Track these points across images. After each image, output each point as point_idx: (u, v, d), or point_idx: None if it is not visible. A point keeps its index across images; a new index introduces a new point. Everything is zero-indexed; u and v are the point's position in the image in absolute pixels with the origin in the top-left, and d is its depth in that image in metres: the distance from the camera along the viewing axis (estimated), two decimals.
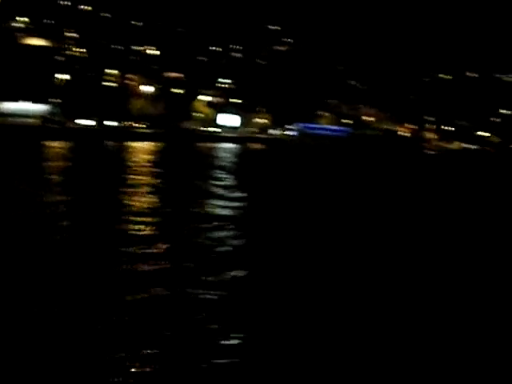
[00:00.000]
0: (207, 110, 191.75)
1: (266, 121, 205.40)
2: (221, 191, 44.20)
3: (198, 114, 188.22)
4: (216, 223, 30.49)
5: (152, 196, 39.12)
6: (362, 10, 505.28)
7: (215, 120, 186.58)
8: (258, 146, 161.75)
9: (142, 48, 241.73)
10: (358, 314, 17.67)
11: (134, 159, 74.96)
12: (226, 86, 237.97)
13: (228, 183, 51.61)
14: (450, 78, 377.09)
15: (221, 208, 36.14)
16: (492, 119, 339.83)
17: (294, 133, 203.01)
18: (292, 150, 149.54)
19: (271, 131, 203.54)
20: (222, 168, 68.32)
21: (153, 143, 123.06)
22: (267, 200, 42.46)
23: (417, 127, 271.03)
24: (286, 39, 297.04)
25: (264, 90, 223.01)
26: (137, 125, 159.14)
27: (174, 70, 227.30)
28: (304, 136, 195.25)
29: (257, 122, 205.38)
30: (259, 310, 17.55)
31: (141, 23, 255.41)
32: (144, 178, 52.18)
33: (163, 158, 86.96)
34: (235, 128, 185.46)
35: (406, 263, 24.24)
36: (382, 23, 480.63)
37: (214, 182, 51.83)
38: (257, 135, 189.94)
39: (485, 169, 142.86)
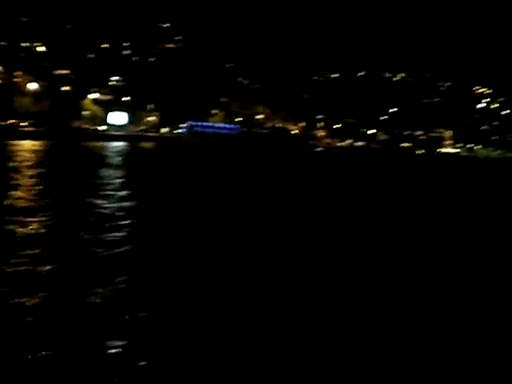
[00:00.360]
0: (96, 108, 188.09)
1: (155, 119, 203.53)
2: (106, 191, 42.26)
3: (87, 112, 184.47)
4: (94, 222, 29.01)
5: (32, 196, 36.68)
6: (254, 8, 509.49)
7: (105, 118, 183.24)
8: (148, 144, 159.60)
9: (29, 44, 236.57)
10: None
11: (16, 158, 71.37)
12: (117, 83, 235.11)
13: (113, 183, 49.56)
14: (338, 76, 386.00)
15: (104, 208, 34.23)
16: (381, 118, 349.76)
17: (184, 131, 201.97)
18: (182, 148, 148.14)
19: (162, 129, 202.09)
20: (108, 167, 65.52)
21: (37, 142, 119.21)
22: (152, 199, 41.10)
23: (306, 125, 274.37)
24: (176, 37, 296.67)
25: (154, 88, 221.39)
26: (22, 123, 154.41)
27: (63, 67, 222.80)
28: (194, 134, 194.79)
29: (147, 120, 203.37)
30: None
31: (27, 19, 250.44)
32: (25, 177, 49.24)
33: (47, 157, 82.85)
34: (124, 126, 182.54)
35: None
36: (274, 22, 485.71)
37: (99, 182, 49.55)
38: (147, 133, 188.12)
39: (366, 164, 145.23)
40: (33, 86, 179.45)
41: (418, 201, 56.72)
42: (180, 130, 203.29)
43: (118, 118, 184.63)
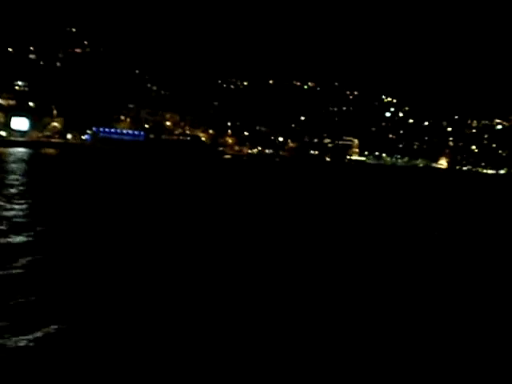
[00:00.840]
0: None
1: (57, 125, 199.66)
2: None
3: None
4: None
5: None
6: (163, 13, 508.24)
7: (7, 123, 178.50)
8: (50, 150, 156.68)
9: None
10: None
11: None
12: (22, 88, 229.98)
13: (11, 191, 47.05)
14: (247, 83, 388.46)
15: None
16: (291, 125, 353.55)
17: (88, 137, 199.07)
18: (85, 154, 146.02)
19: (68, 135, 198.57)
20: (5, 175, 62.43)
21: None
22: (51, 207, 39.58)
23: (215, 132, 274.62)
24: (84, 41, 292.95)
25: (60, 93, 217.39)
26: None
27: None
28: (98, 140, 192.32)
29: (51, 126, 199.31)
30: None
31: None
32: None
33: None
34: (25, 132, 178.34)
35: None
36: (183, 28, 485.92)
37: None
38: (50, 139, 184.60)
39: (272, 171, 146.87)
40: None
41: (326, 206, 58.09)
42: (84, 136, 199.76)
43: (19, 123, 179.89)
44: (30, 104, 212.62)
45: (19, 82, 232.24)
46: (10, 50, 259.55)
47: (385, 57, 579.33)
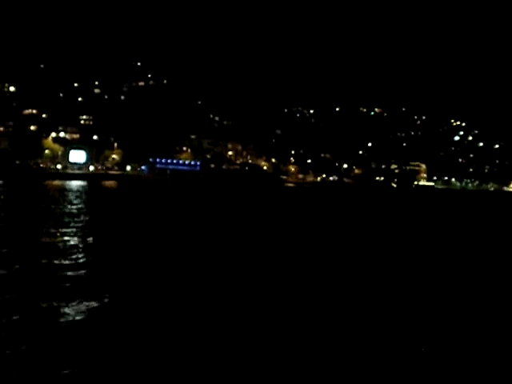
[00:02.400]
0: (58, 147, 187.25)
1: (116, 157, 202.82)
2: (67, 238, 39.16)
3: (48, 151, 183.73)
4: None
5: None
6: (226, 44, 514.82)
7: (67, 157, 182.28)
8: (110, 182, 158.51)
9: None
10: None
11: None
12: (86, 122, 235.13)
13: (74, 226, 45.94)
14: (313, 111, 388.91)
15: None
16: (357, 152, 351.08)
17: (144, 168, 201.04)
18: (142, 185, 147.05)
19: (127, 167, 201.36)
20: (67, 210, 61.04)
21: None
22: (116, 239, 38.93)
23: (277, 161, 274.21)
24: (147, 74, 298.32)
25: (122, 126, 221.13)
26: None
27: (32, 106, 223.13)
28: (155, 171, 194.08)
29: (110, 158, 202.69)
30: None
31: None
32: None
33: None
34: (83, 164, 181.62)
35: None
36: (245, 57, 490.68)
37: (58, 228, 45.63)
38: (108, 171, 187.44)
39: (336, 198, 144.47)
40: None
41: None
42: (141, 168, 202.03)
43: (77, 156, 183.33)
44: (95, 137, 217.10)
45: (84, 116, 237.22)
46: (76, 84, 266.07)
47: (454, 81, 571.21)
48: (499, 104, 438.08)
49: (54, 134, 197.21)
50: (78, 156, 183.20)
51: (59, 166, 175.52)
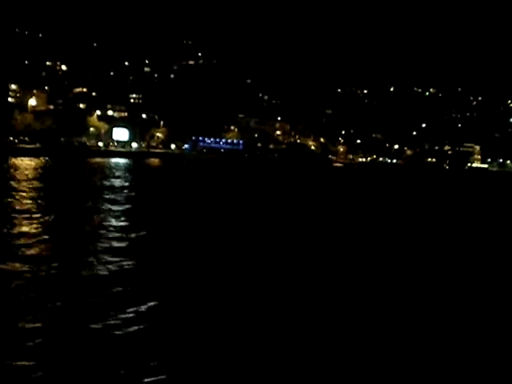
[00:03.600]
0: (102, 125, 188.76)
1: (161, 135, 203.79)
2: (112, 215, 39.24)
3: (93, 129, 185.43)
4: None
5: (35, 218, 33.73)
6: (275, 24, 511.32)
7: (110, 135, 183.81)
8: (153, 160, 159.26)
9: (51, 63, 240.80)
10: None
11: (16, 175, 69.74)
12: (135, 100, 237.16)
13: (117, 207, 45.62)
14: (366, 92, 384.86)
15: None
16: (410, 133, 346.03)
17: (187, 147, 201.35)
18: (185, 164, 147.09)
19: (172, 146, 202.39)
20: (110, 188, 61.01)
21: (37, 159, 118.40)
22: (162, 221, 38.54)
23: (326, 141, 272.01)
24: (197, 53, 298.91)
25: (170, 105, 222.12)
26: (19, 140, 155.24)
27: (83, 85, 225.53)
28: (197, 150, 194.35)
29: (156, 137, 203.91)
30: None
31: (52, 38, 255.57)
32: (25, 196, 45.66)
33: (46, 175, 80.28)
34: (127, 142, 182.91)
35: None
36: (296, 37, 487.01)
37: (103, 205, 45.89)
38: (152, 150, 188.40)
39: (381, 180, 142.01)
40: (33, 103, 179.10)
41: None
42: (184, 146, 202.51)
43: (120, 134, 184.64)
44: (143, 116, 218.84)
45: (133, 95, 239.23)
46: (127, 63, 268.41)
47: (510, 60, 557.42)
48: None
49: (98, 112, 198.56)
50: (121, 134, 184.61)
51: (101, 144, 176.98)
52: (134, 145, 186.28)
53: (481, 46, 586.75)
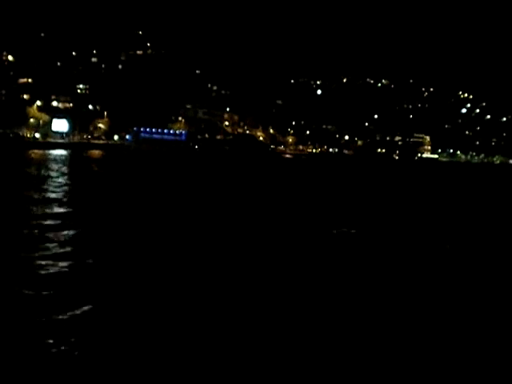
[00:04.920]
0: (43, 116, 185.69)
1: (103, 126, 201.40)
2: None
3: (33, 120, 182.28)
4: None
5: None
6: (225, 14, 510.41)
7: (50, 126, 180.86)
8: (94, 152, 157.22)
9: None
10: None
11: None
12: (82, 91, 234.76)
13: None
14: (319, 82, 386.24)
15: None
16: (362, 124, 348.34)
17: (128, 137, 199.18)
18: (126, 155, 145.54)
19: (115, 137, 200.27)
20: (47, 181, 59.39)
21: None
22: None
23: (276, 132, 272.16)
24: (146, 43, 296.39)
25: (114, 95, 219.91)
26: None
27: (29, 75, 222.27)
28: (138, 141, 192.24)
29: (99, 128, 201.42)
30: None
31: None
32: None
33: None
34: (66, 133, 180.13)
35: None
36: (245, 26, 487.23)
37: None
38: (95, 141, 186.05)
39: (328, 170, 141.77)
40: None
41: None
42: (126, 137, 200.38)
43: (60, 125, 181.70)
44: (90, 107, 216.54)
45: (81, 85, 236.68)
46: (74, 53, 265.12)
47: (463, 53, 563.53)
48: (508, 77, 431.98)
49: (39, 103, 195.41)
50: (60, 125, 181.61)
51: (38, 135, 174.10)
52: (75, 136, 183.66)
53: (433, 37, 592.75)
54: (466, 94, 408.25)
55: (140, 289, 18.92)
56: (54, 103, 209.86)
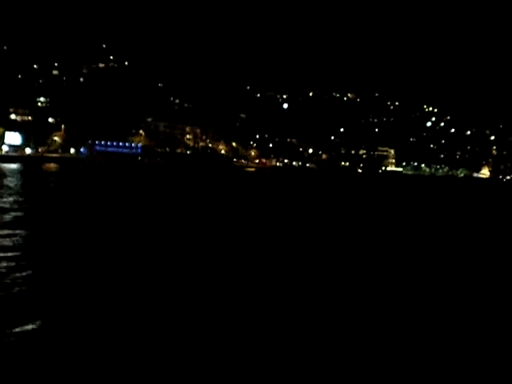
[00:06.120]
0: None
1: (58, 139, 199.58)
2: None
3: None
4: None
5: None
6: (190, 27, 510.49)
7: (2, 139, 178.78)
8: (49, 165, 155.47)
9: None
10: None
11: None
12: (43, 104, 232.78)
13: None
14: (285, 97, 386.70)
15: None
16: (328, 137, 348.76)
17: (83, 150, 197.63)
18: (81, 168, 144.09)
19: (71, 150, 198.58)
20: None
21: None
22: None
23: (238, 145, 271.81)
24: (109, 56, 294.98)
25: (73, 108, 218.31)
26: None
27: None
28: (93, 154, 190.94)
29: (52, 141, 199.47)
30: None
31: None
32: None
33: None
34: (18, 147, 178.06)
35: None
36: (210, 39, 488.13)
37: None
38: (50, 154, 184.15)
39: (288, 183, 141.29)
40: None
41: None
42: (81, 150, 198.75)
43: (12, 138, 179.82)
44: (50, 120, 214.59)
45: (41, 98, 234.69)
46: (35, 66, 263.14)
47: (426, 66, 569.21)
48: (472, 90, 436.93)
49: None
50: (13, 138, 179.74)
51: None
52: (28, 150, 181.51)
53: (398, 51, 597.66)
54: (430, 108, 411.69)
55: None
56: (12, 116, 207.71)
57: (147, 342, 15.11)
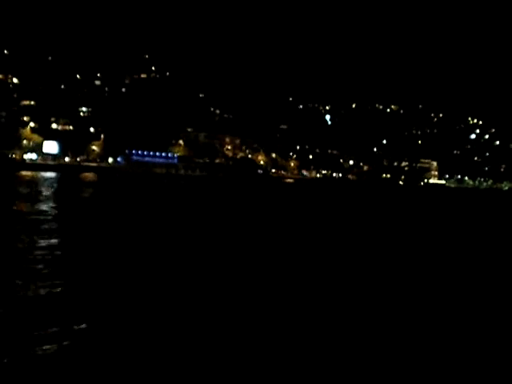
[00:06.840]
0: (36, 137, 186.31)
1: (96, 148, 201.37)
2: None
3: (26, 142, 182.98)
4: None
5: None
6: (233, 37, 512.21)
7: (41, 147, 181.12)
8: (87, 175, 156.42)
9: (2, 76, 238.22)
10: None
11: None
12: (85, 114, 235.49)
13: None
14: (328, 108, 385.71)
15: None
16: (371, 149, 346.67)
17: (120, 160, 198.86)
18: (118, 178, 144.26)
19: (110, 159, 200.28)
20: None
21: None
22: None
23: (277, 156, 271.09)
24: (151, 67, 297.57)
25: (114, 118, 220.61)
26: None
27: (32, 98, 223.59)
28: (131, 163, 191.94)
29: (92, 150, 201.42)
30: None
31: (6, 51, 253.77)
32: None
33: None
34: (57, 155, 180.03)
35: None
36: (254, 50, 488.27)
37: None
38: (87, 163, 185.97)
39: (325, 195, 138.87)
40: None
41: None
42: (118, 160, 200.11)
43: (50, 147, 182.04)
44: (91, 130, 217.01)
45: (83, 108, 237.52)
46: (78, 76, 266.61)
47: (473, 78, 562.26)
48: None
49: (32, 124, 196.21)
50: (51, 147, 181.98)
51: (26, 157, 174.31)
52: (67, 158, 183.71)
53: (444, 63, 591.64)
54: (475, 120, 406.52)
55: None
56: (54, 125, 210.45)
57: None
